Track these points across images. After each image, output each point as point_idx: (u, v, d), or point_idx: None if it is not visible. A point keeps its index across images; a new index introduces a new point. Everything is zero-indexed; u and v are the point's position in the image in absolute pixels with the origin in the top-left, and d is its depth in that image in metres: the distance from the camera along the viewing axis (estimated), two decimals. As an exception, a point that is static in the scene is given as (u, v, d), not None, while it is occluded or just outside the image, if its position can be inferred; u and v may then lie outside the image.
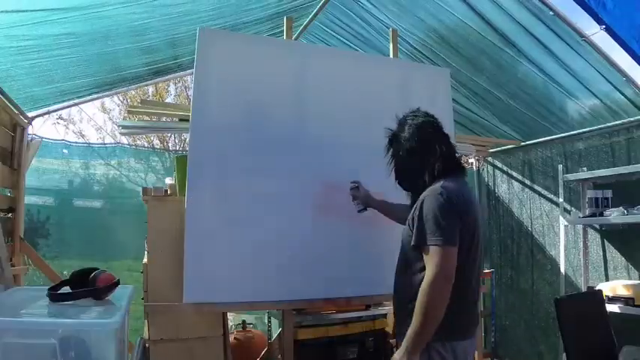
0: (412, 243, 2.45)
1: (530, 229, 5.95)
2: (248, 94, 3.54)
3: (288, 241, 3.56)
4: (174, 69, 5.60)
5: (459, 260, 2.37)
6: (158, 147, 13.78)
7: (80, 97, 5.47)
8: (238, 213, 3.43)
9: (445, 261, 2.32)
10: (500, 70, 4.91)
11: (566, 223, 5.06)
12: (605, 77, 4.28)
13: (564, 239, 5.10)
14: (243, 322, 5.42)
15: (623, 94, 4.42)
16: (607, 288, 4.39)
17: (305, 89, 3.73)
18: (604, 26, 3.42)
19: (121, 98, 14.79)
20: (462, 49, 4.83)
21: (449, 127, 4.01)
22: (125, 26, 4.22)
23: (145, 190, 4.04)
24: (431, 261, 2.34)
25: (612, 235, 4.93)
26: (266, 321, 5.52)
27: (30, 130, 5.14)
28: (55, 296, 2.61)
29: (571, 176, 5.00)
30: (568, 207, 5.25)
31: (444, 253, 2.33)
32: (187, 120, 3.84)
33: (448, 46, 4.88)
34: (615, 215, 4.44)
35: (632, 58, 3.50)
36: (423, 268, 2.40)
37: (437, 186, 2.50)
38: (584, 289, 4.92)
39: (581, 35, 3.89)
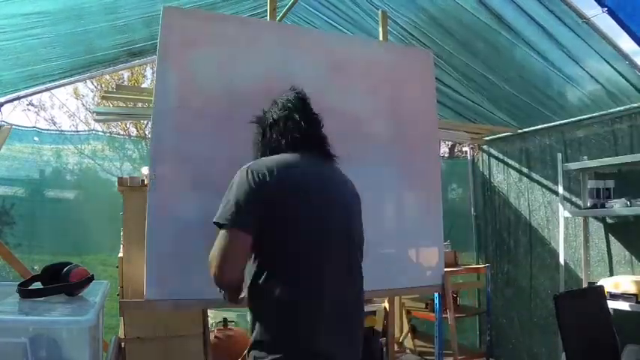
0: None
1: (528, 220, 5.98)
2: (223, 79, 3.49)
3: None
4: (151, 50, 5.56)
5: (272, 251, 2.19)
6: (134, 134, 13.74)
7: (52, 80, 5.44)
8: (207, 204, 3.37)
9: (222, 243, 2.18)
10: (496, 53, 4.88)
11: (566, 215, 5.08)
12: (607, 61, 4.28)
13: (564, 231, 5.14)
14: (225, 319, 5.41)
15: (625, 78, 4.42)
16: (609, 284, 4.40)
17: (282, 73, 3.63)
18: (606, 8, 3.44)
19: (95, 84, 14.73)
20: (455, 31, 4.79)
21: (432, 110, 4.04)
22: (98, 3, 4.18)
23: (120, 179, 4.03)
24: None
25: (616, 227, 4.96)
26: (248, 319, 5.46)
27: (-1, 116, 5.12)
28: (25, 292, 2.61)
29: (571, 165, 5.00)
30: (569, 197, 5.29)
31: (223, 234, 2.19)
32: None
33: (440, 28, 4.83)
34: (618, 207, 4.47)
35: (635, 41, 3.53)
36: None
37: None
38: (585, 284, 4.95)
39: (582, 17, 3.90)
